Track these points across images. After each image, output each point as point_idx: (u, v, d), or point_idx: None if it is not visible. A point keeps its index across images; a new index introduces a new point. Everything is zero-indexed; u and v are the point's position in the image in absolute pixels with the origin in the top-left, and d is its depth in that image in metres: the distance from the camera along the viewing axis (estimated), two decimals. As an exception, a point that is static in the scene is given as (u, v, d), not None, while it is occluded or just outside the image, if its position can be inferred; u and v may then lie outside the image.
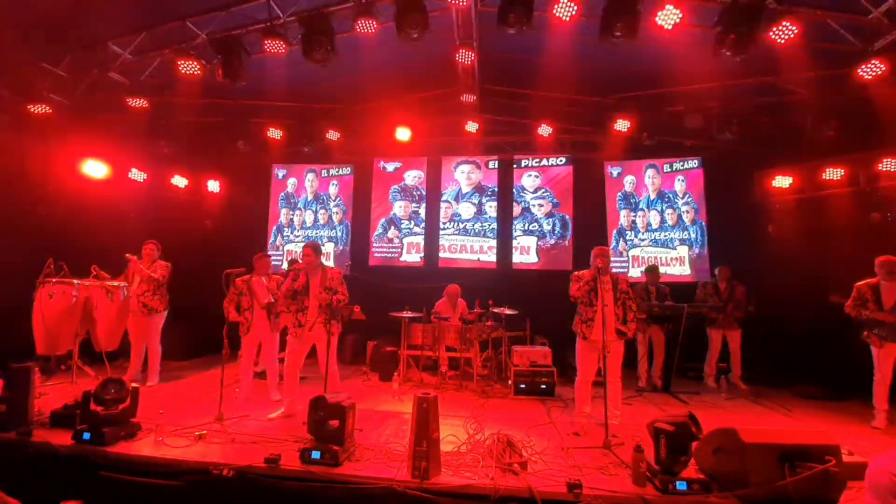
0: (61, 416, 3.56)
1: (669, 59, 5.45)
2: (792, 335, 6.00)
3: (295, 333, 4.18)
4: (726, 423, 2.98)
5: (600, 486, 2.80)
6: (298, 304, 4.21)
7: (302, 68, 5.51)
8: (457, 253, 8.17)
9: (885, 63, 4.48)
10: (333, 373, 4.22)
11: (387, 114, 7.52)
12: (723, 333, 5.77)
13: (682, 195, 7.68)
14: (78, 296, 4.73)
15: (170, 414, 4.00)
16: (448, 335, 5.73)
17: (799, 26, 4.18)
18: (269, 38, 4.86)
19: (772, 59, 4.97)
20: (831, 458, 2.50)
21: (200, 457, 3.10)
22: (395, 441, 3.50)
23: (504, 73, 6.79)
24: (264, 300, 4.67)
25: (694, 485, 2.73)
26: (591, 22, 4.61)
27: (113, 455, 3.14)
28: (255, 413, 4.21)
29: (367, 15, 4.66)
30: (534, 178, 8.26)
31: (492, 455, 3.10)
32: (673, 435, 2.83)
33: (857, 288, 4.43)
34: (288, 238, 8.60)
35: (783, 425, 4.38)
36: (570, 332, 4.18)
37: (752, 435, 2.70)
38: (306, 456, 3.00)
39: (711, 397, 5.33)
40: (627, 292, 4.07)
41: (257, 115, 7.21)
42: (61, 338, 4.68)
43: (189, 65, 5.10)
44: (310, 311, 4.16)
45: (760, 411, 4.85)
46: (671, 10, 4.19)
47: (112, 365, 5.07)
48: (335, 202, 8.63)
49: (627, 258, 7.79)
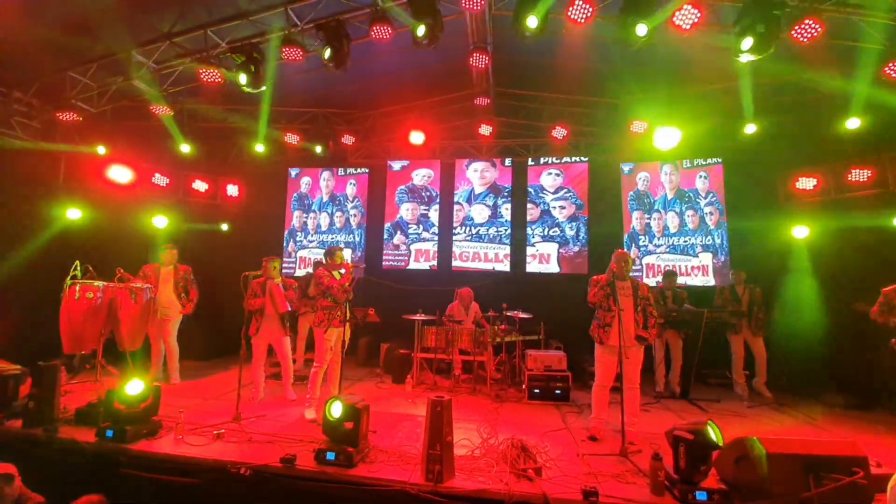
0: (86, 413, 3.67)
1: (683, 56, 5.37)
2: (817, 342, 5.79)
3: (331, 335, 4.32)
4: (748, 431, 2.89)
5: (617, 494, 2.75)
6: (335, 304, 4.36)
7: (318, 74, 5.62)
8: (468, 262, 7.60)
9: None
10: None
11: (401, 118, 7.60)
12: (744, 339, 5.61)
13: (705, 194, 6.97)
14: (103, 297, 4.87)
15: (189, 413, 4.07)
16: (461, 338, 5.71)
17: (822, 25, 4.08)
18: (287, 46, 4.96)
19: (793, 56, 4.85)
20: (859, 470, 2.41)
21: (219, 455, 3.16)
22: (408, 444, 3.51)
23: (518, 75, 6.78)
24: (283, 308, 4.76)
25: (714, 495, 2.66)
26: (607, 22, 4.57)
27: (134, 452, 3.23)
28: (272, 413, 4.27)
29: (382, 21, 4.71)
30: (555, 177, 7.54)
31: (506, 460, 3.08)
32: (693, 443, 2.77)
33: (885, 293, 4.26)
34: (301, 244, 8.25)
35: (808, 435, 4.22)
36: (586, 336, 4.13)
37: (775, 444, 2.62)
38: (321, 457, 3.03)
39: (733, 405, 5.18)
40: (648, 298, 4.00)
41: (275, 120, 7.36)
42: (86, 337, 4.83)
43: (210, 73, 5.25)
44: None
45: (784, 420, 4.70)
46: (689, 10, 4.13)
47: (135, 364, 5.21)
48: (353, 203, 8.14)
49: (641, 266, 7.16)
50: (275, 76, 5.70)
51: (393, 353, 6.11)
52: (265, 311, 4.72)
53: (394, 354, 6.07)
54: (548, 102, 7.23)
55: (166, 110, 6.20)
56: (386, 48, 5.27)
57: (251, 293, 4.72)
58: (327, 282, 4.35)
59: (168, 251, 5.52)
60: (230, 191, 8.08)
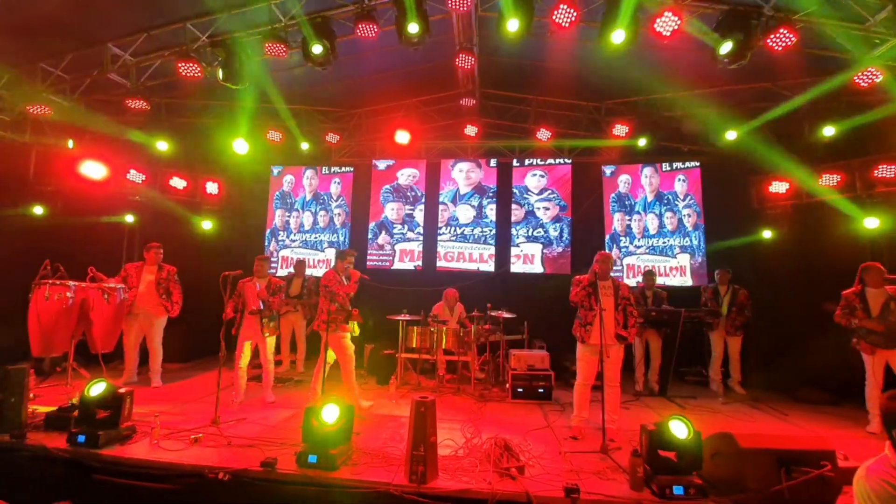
0: (56, 418, 3.54)
1: (667, 64, 5.50)
2: (792, 340, 6.00)
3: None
4: (724, 428, 2.99)
5: (598, 490, 2.80)
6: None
7: (303, 70, 5.54)
8: (453, 262, 7.64)
9: (881, 71, 4.52)
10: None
11: (386, 116, 7.56)
12: (724, 338, 5.76)
13: (684, 197, 7.19)
14: (74, 297, 4.70)
15: (166, 417, 3.97)
16: (446, 338, 5.72)
17: (796, 34, 4.22)
18: (270, 41, 4.88)
19: (769, 64, 5.01)
20: (827, 464, 2.51)
21: (196, 460, 3.08)
22: (392, 445, 3.49)
23: (504, 77, 6.82)
24: (252, 305, 4.68)
25: (691, 489, 2.73)
26: (591, 27, 4.64)
27: (108, 458, 3.12)
28: (252, 416, 4.19)
29: (368, 19, 4.68)
30: (539, 178, 7.64)
31: (489, 459, 3.09)
32: (653, 434, 2.86)
33: (845, 296, 4.43)
34: (283, 243, 8.15)
35: (780, 430, 4.38)
36: (569, 335, 4.18)
37: (749, 440, 2.71)
38: (303, 460, 2.99)
39: (709, 402, 5.33)
40: (628, 298, 4.08)
41: (257, 116, 7.23)
42: (57, 340, 4.64)
43: (189, 67, 5.11)
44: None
45: (758, 416, 4.85)
46: (669, 17, 4.22)
47: (108, 367, 5.04)
48: (337, 203, 8.08)
49: (622, 266, 7.34)
50: (257, 72, 5.60)
51: (377, 354, 6.09)
52: (243, 311, 4.67)
53: (378, 355, 6.05)
54: (533, 104, 7.30)
55: (143, 105, 6.02)
56: (372, 46, 5.24)
57: (237, 293, 4.65)
58: (335, 287, 4.36)
59: (152, 250, 5.34)
60: (210, 188, 7.89)
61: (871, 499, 1.50)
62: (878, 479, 1.51)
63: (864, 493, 1.53)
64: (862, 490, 1.54)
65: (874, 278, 4.28)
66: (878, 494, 1.48)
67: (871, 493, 1.51)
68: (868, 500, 1.51)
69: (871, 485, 1.52)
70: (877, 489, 1.49)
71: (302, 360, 6.39)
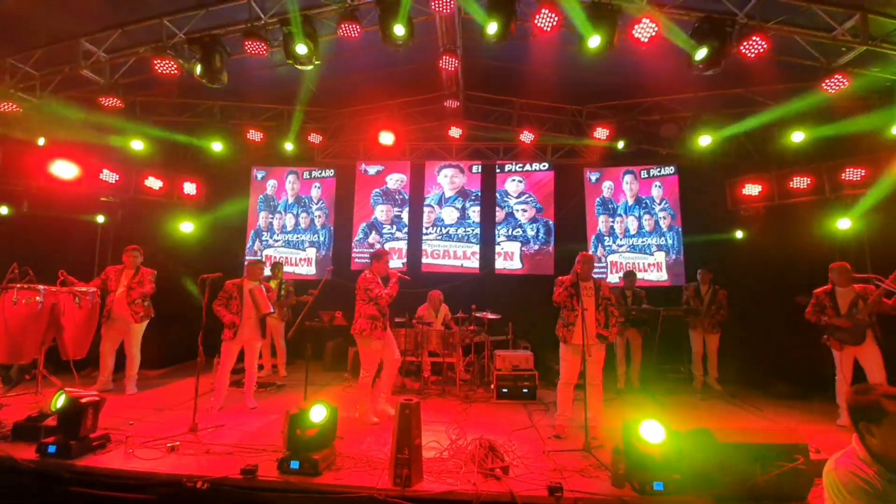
0: (25, 428, 3.39)
1: (646, 69, 5.62)
2: (764, 337, 6.20)
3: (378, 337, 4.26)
4: (702, 423, 3.06)
5: (580, 488, 2.84)
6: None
7: (285, 69, 5.46)
8: (440, 259, 8.08)
9: (847, 78, 4.72)
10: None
11: (370, 117, 7.52)
12: (703, 336, 5.90)
13: (659, 201, 7.80)
14: (44, 302, 4.52)
15: (141, 425, 3.86)
16: (431, 340, 5.71)
17: (768, 42, 4.37)
18: (249, 39, 4.79)
19: (742, 71, 5.17)
20: (800, 457, 2.60)
21: (173, 469, 3.00)
22: (376, 449, 3.46)
23: (487, 79, 6.87)
24: (266, 309, 4.62)
25: (670, 485, 2.78)
26: (572, 32, 4.72)
27: (80, 468, 3.01)
28: (232, 422, 4.10)
29: (351, 19, 4.64)
30: (517, 183, 8.24)
31: (474, 460, 3.10)
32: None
33: (815, 295, 4.61)
34: (267, 243, 8.33)
35: (756, 425, 4.51)
36: (553, 336, 4.23)
37: (726, 435, 2.78)
38: (285, 466, 2.94)
39: (688, 398, 5.46)
40: (609, 298, 4.14)
41: (237, 116, 7.09)
42: (26, 346, 4.46)
43: (166, 64, 4.98)
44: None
45: (734, 411, 4.99)
46: (647, 24, 4.31)
47: (80, 374, 4.87)
48: (318, 205, 8.40)
49: (606, 264, 7.87)
50: (237, 70, 5.49)
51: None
52: (243, 315, 4.54)
53: (362, 357, 5.98)
54: (516, 107, 7.37)
55: (117, 103, 5.84)
56: (354, 46, 5.20)
57: (226, 295, 4.53)
58: (376, 290, 4.20)
59: (128, 253, 5.14)
60: (187, 189, 7.70)
61: (841, 491, 1.55)
62: (846, 471, 1.57)
63: (833, 485, 1.59)
64: (831, 482, 1.60)
65: (842, 278, 4.45)
66: (847, 486, 1.54)
67: (840, 485, 1.56)
68: (838, 493, 1.57)
69: (840, 477, 1.57)
70: (845, 481, 1.55)
71: (283, 364, 6.28)
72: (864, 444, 1.59)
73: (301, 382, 4.28)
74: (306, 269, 8.15)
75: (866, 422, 1.58)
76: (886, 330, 4.33)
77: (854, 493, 1.52)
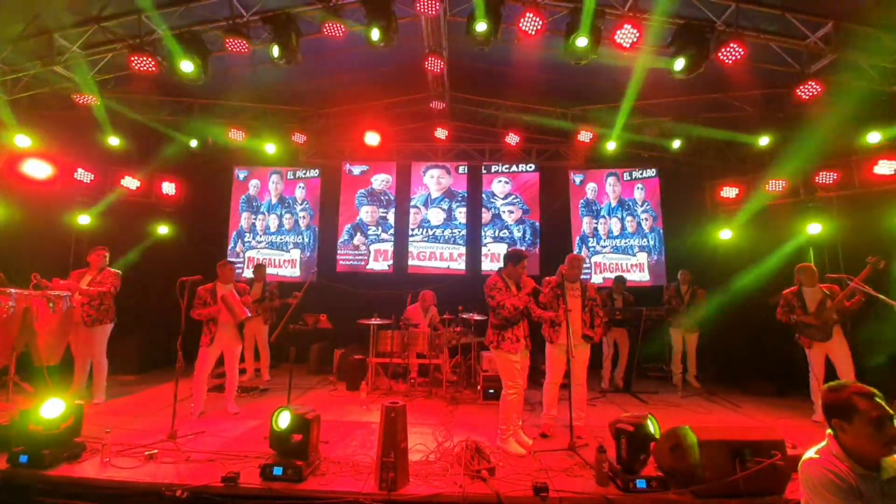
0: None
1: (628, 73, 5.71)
2: (743, 336, 6.37)
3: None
4: (683, 421, 3.12)
5: (566, 487, 2.86)
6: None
7: (266, 68, 5.38)
8: (426, 261, 8.02)
9: (820, 84, 4.88)
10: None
11: (355, 117, 7.46)
12: (682, 335, 6.03)
13: (642, 203, 7.94)
14: (16, 306, 4.34)
15: (118, 433, 3.72)
16: (418, 342, 5.69)
17: (745, 48, 4.49)
18: (231, 37, 4.70)
19: (721, 77, 5.30)
20: (777, 453, 2.67)
21: (151, 478, 2.92)
22: (362, 452, 3.43)
23: (473, 81, 6.88)
24: (242, 315, 4.50)
25: (653, 482, 2.83)
26: (557, 36, 4.77)
27: (54, 479, 2.91)
28: (212, 429, 4.01)
29: (335, 19, 4.60)
30: (504, 185, 8.24)
31: (460, 462, 3.10)
32: (633, 435, 2.94)
33: (784, 295, 4.79)
34: (249, 244, 8.15)
35: (734, 421, 4.63)
36: (539, 336, 4.26)
37: (705, 432, 2.84)
38: (268, 472, 2.89)
39: (669, 396, 5.57)
40: (595, 299, 4.20)
41: (218, 114, 6.95)
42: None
43: (144, 61, 4.85)
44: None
45: (713, 408, 5.11)
46: (629, 30, 4.39)
47: (54, 381, 4.69)
48: (302, 206, 8.24)
49: (590, 265, 7.96)
50: (218, 68, 5.39)
51: (347, 359, 5.96)
52: (219, 320, 4.43)
53: (348, 360, 5.91)
54: (502, 109, 7.41)
55: (93, 100, 5.66)
56: (340, 45, 5.15)
57: (200, 301, 4.41)
58: (498, 297, 3.64)
59: (95, 254, 4.93)
60: (166, 189, 7.51)
61: (816, 486, 1.60)
62: (820, 467, 1.62)
63: (808, 480, 1.64)
64: (807, 478, 1.65)
65: (808, 278, 4.65)
66: (821, 481, 1.59)
67: (815, 480, 1.61)
68: (813, 488, 1.61)
69: (815, 473, 1.62)
70: (820, 476, 1.60)
71: (266, 368, 6.17)
72: (838, 439, 1.64)
73: (285, 386, 4.21)
74: (290, 271, 8.02)
75: (839, 419, 1.63)
76: (855, 326, 4.51)
77: (828, 488, 1.57)
